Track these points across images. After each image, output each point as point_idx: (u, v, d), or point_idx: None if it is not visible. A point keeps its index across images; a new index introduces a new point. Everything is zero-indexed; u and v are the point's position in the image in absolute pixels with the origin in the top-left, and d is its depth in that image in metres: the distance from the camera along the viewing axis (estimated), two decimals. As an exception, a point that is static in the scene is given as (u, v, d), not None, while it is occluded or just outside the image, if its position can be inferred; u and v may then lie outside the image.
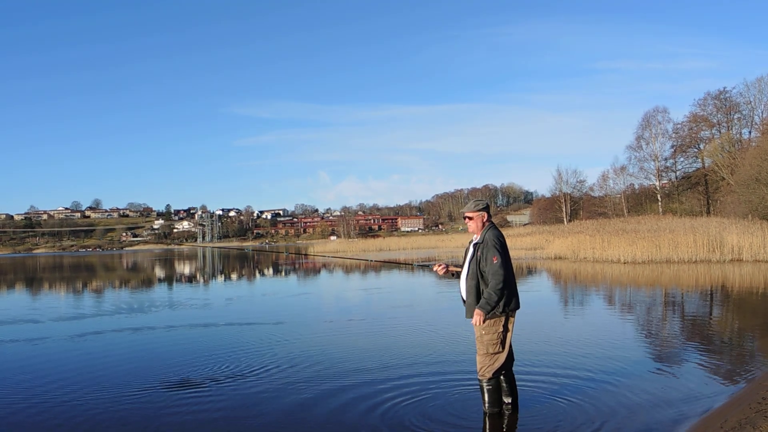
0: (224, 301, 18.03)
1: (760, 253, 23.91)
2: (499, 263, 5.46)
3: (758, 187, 32.32)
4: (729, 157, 54.05)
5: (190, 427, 5.79)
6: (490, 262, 5.50)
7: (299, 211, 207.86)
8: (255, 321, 12.94)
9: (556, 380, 7.03)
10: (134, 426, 5.84)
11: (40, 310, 16.61)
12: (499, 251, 5.53)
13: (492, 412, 5.67)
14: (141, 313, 15.20)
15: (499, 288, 5.44)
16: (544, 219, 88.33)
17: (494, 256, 5.49)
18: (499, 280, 5.44)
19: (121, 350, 10.00)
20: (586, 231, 39.74)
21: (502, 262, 5.49)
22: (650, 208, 68.19)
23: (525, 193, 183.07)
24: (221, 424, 5.87)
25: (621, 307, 13.84)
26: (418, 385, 6.93)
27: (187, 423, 5.90)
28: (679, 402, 6.06)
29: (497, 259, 5.48)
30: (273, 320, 12.97)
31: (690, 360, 7.95)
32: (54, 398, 6.93)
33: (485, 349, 5.63)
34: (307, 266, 37.80)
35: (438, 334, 10.47)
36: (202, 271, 37.56)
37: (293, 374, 7.72)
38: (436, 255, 41.33)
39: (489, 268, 5.50)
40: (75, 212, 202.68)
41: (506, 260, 5.61)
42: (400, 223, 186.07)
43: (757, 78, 58.54)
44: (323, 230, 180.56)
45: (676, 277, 19.72)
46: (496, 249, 5.54)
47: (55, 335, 11.76)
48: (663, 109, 68.67)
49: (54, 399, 6.90)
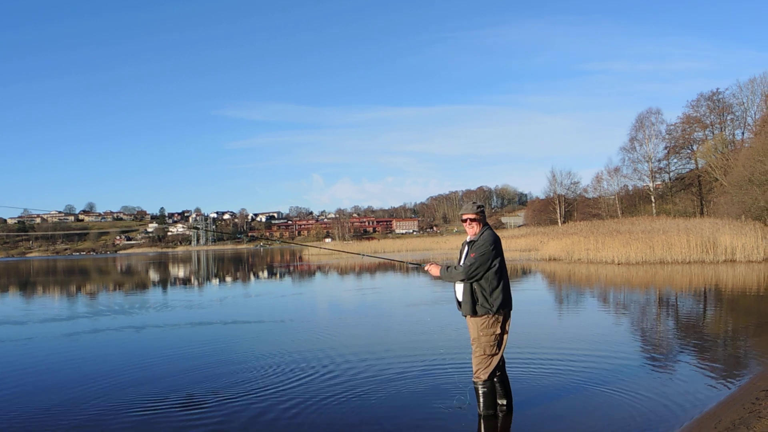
0: (232, 300, 18.00)
1: (753, 254, 24.02)
2: (476, 257, 5.57)
3: (751, 188, 32.46)
4: (722, 158, 54.29)
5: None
6: (468, 256, 5.66)
7: (294, 213, 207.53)
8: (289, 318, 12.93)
9: (550, 382, 7.04)
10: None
11: (32, 312, 16.53)
12: (491, 251, 5.59)
13: (487, 414, 5.66)
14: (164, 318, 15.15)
15: (459, 272, 5.62)
16: (539, 220, 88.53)
17: (472, 252, 5.64)
18: (463, 270, 5.59)
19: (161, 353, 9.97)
20: (581, 232, 39.83)
21: (480, 257, 5.57)
22: (644, 209, 68.38)
23: (519, 194, 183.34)
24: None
25: (615, 308, 13.86)
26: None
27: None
28: (673, 403, 6.07)
29: (474, 255, 5.60)
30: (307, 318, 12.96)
31: (684, 361, 7.98)
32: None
33: (482, 351, 5.63)
34: (302, 268, 37.75)
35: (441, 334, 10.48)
36: (203, 274, 37.46)
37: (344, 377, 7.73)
38: (430, 257, 41.32)
39: (466, 259, 5.67)
40: (68, 216, 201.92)
41: (500, 260, 5.65)
42: (395, 225, 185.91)
43: (749, 79, 58.99)
44: (318, 232, 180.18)
45: (670, 278, 19.78)
46: (484, 247, 5.60)
47: (42, 335, 11.72)
48: (656, 110, 69.04)
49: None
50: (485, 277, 5.58)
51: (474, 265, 5.56)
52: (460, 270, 5.63)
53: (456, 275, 5.68)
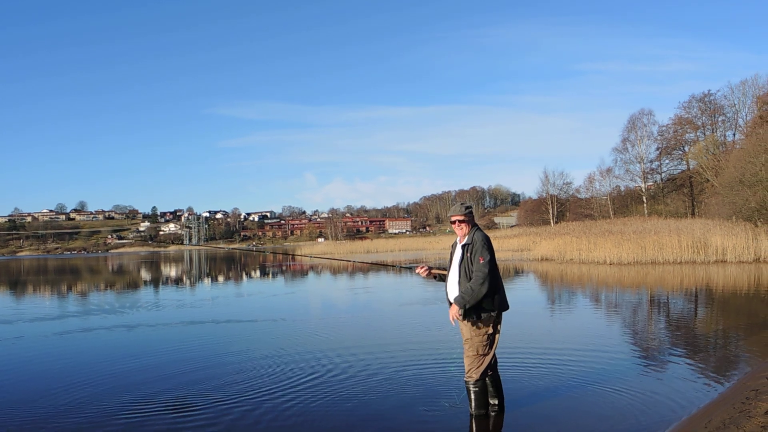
0: (224, 300, 17.93)
1: (744, 255, 24.15)
2: (485, 262, 5.47)
3: (742, 189, 32.60)
4: (713, 159, 54.59)
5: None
6: (477, 261, 5.52)
7: (286, 213, 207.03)
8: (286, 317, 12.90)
9: (542, 381, 7.04)
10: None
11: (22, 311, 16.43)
12: (488, 251, 5.55)
13: (479, 413, 5.65)
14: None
15: (479, 284, 5.42)
16: (531, 221, 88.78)
17: (481, 256, 5.51)
18: (480, 278, 5.43)
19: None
20: (573, 232, 39.98)
21: (488, 261, 5.50)
22: (636, 210, 68.73)
23: (512, 194, 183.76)
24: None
25: (607, 308, 13.90)
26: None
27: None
28: (663, 402, 6.09)
29: (483, 259, 5.49)
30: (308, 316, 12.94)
31: (675, 360, 8.00)
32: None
33: (475, 351, 5.62)
34: (295, 268, 37.67)
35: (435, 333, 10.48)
36: (193, 273, 37.33)
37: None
38: (423, 257, 41.34)
39: (475, 266, 5.52)
40: (59, 214, 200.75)
41: (492, 261, 5.63)
42: (388, 225, 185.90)
43: (741, 81, 59.37)
44: (311, 232, 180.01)
45: (661, 278, 19.85)
46: (485, 249, 5.55)
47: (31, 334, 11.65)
48: (648, 111, 69.47)
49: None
50: (476, 271, 5.57)
51: (486, 270, 5.45)
52: (478, 282, 5.43)
53: (479, 291, 5.44)
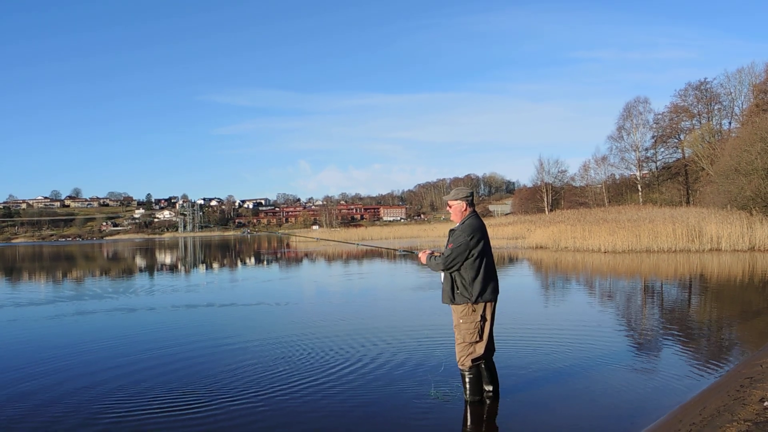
0: (218, 285, 17.90)
1: (739, 243, 24.20)
2: (451, 249, 5.59)
3: (737, 178, 32.60)
4: (709, 147, 54.57)
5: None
6: (447, 246, 5.68)
7: (281, 200, 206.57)
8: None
9: (537, 368, 7.04)
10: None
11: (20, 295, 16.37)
12: (465, 237, 5.57)
13: (473, 400, 5.66)
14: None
15: (444, 260, 5.60)
16: (526, 209, 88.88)
17: (450, 243, 5.66)
18: (447, 257, 5.58)
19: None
20: (567, 221, 40.05)
21: (456, 248, 5.56)
22: (631, 198, 68.86)
23: (507, 182, 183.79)
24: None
25: (601, 296, 13.92)
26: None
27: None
28: (658, 390, 6.10)
29: (452, 245, 5.61)
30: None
31: (669, 348, 8.01)
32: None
33: (462, 338, 5.64)
34: (290, 255, 37.65)
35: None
36: (187, 260, 37.29)
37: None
38: (418, 244, 41.35)
39: (445, 250, 5.69)
40: (54, 201, 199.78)
41: (481, 249, 5.62)
42: (383, 213, 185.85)
43: (737, 69, 59.30)
44: (305, 219, 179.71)
45: (656, 267, 19.90)
46: (463, 235, 5.59)
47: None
48: (644, 99, 69.31)
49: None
50: (464, 266, 5.57)
51: (450, 256, 5.58)
52: (440, 260, 5.68)
53: (436, 265, 5.75)
